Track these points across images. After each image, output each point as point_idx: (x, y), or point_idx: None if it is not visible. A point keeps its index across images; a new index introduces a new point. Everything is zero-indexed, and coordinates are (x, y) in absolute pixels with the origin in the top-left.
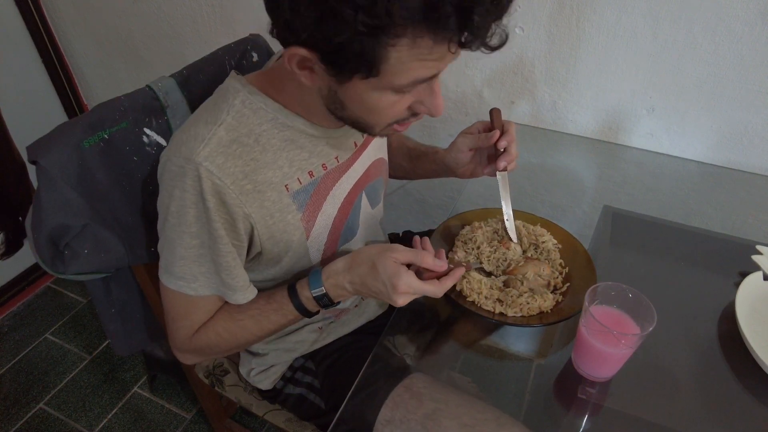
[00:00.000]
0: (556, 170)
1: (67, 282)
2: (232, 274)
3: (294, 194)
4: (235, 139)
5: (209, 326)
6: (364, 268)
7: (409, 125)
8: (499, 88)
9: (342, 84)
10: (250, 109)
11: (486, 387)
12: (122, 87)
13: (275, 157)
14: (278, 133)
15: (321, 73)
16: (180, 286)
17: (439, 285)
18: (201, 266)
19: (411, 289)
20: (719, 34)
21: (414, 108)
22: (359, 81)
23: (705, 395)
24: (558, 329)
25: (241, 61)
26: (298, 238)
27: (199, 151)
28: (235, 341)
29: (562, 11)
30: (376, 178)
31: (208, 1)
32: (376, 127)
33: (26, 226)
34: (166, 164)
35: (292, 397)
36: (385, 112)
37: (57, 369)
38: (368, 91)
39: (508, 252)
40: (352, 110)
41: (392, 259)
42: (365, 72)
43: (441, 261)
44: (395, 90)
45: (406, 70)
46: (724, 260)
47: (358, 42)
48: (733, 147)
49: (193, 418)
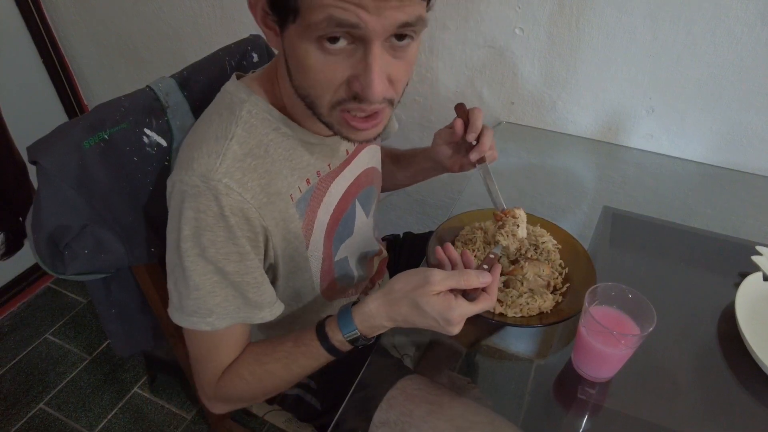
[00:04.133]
0: (555, 171)
1: (67, 282)
2: (260, 290)
3: (297, 203)
4: (249, 152)
5: (234, 370)
6: (405, 308)
7: (367, 124)
8: (498, 89)
9: (284, 38)
10: (257, 119)
11: (486, 387)
12: (122, 87)
13: (281, 167)
14: (282, 142)
15: (273, 27)
16: (194, 323)
17: (490, 297)
18: (216, 296)
19: (465, 316)
20: (719, 35)
21: (351, 85)
22: (292, 29)
23: (705, 396)
24: (558, 330)
25: (241, 62)
26: (299, 247)
27: (217, 167)
28: (262, 388)
29: (562, 12)
30: (368, 186)
31: (208, 2)
32: (320, 104)
33: (26, 226)
34: (176, 185)
35: (290, 397)
36: (316, 76)
37: (57, 369)
38: (298, 42)
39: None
40: (294, 74)
41: (433, 294)
42: (291, 10)
43: (483, 274)
44: (320, 44)
45: (321, 3)
46: (723, 261)
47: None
48: (733, 148)
49: (193, 418)
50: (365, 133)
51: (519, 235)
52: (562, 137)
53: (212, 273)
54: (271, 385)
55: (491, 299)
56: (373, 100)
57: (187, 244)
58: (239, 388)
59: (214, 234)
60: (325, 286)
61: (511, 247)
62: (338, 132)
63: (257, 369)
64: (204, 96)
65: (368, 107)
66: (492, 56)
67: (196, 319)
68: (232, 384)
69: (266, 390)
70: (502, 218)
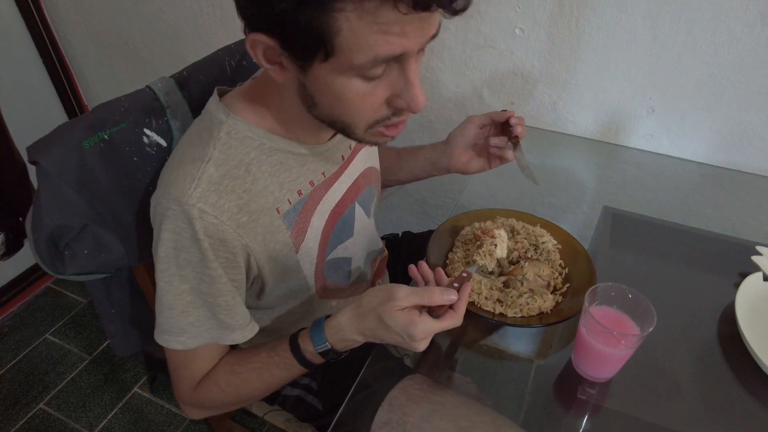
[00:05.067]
0: (556, 171)
1: (67, 282)
2: (231, 312)
3: (284, 215)
4: (226, 173)
5: (211, 379)
6: (372, 322)
7: (399, 129)
8: (498, 89)
9: (307, 73)
10: (236, 139)
11: (486, 387)
12: (122, 87)
13: (266, 183)
14: (267, 158)
15: (288, 65)
16: (167, 341)
17: (456, 314)
18: (189, 315)
19: (429, 332)
20: (719, 35)
21: (393, 103)
22: (321, 65)
23: (705, 396)
24: (558, 330)
25: (241, 62)
26: (287, 253)
27: (191, 192)
28: (237, 396)
29: (562, 12)
30: (367, 186)
31: (208, 2)
32: (355, 127)
33: (26, 226)
34: (157, 208)
35: (291, 398)
36: (356, 105)
37: (57, 369)
38: (332, 77)
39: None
40: (323, 105)
41: (397, 310)
42: (320, 49)
43: (449, 291)
44: (361, 75)
45: (364, 45)
46: (723, 261)
47: (300, 11)
48: (733, 148)
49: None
50: (393, 137)
51: (497, 255)
52: (562, 137)
53: (186, 293)
54: (246, 394)
55: (457, 317)
56: (419, 111)
57: (163, 264)
58: (215, 396)
59: (189, 254)
60: (320, 286)
61: (489, 266)
62: (369, 143)
63: (233, 379)
64: (204, 96)
65: (405, 117)
66: (492, 56)
67: (168, 337)
68: (208, 392)
69: (241, 398)
70: (480, 237)
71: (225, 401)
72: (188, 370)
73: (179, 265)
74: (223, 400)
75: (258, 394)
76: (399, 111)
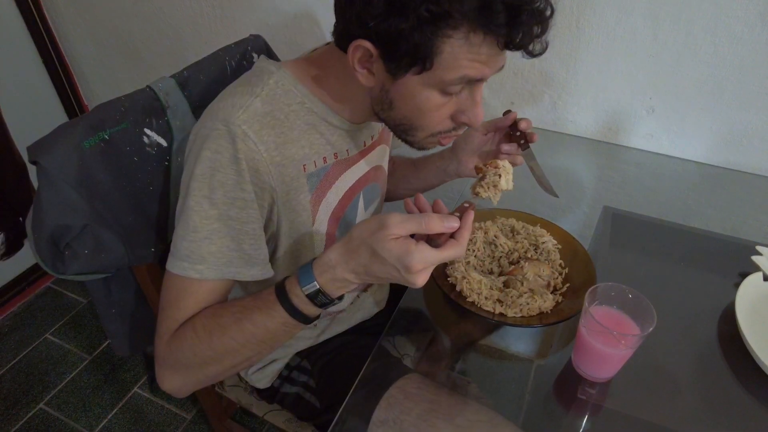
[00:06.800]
0: (555, 171)
1: (67, 282)
2: (257, 243)
3: (309, 175)
4: (269, 112)
5: (188, 322)
6: (364, 255)
7: (451, 140)
8: (498, 89)
9: (396, 80)
10: (282, 90)
11: (486, 387)
12: (122, 87)
13: (299, 136)
14: (303, 115)
15: (378, 71)
16: (184, 268)
17: (458, 244)
18: (212, 244)
19: (428, 263)
20: (719, 35)
21: (456, 118)
22: (412, 77)
23: (705, 396)
24: (558, 330)
25: (242, 62)
26: (305, 221)
27: (239, 115)
28: (210, 348)
29: (561, 12)
30: (374, 182)
31: (208, 2)
32: (420, 132)
33: (26, 226)
34: (200, 131)
35: (289, 396)
36: (431, 115)
37: (57, 369)
38: (419, 88)
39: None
40: (399, 109)
41: (391, 238)
42: (420, 64)
43: (449, 218)
44: (442, 90)
45: (457, 66)
46: (723, 261)
47: (419, 31)
48: (733, 148)
49: (193, 418)
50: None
51: (501, 187)
52: (562, 137)
53: (213, 219)
54: (221, 346)
55: (460, 246)
56: (478, 126)
57: (197, 183)
58: (188, 346)
59: (225, 175)
60: None
61: (493, 199)
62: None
63: (209, 322)
64: (204, 96)
65: (461, 131)
66: None
67: (186, 265)
68: (183, 336)
69: (216, 352)
70: (482, 170)
71: (198, 355)
72: (176, 308)
73: (212, 187)
74: (195, 352)
75: (233, 345)
76: (459, 125)
